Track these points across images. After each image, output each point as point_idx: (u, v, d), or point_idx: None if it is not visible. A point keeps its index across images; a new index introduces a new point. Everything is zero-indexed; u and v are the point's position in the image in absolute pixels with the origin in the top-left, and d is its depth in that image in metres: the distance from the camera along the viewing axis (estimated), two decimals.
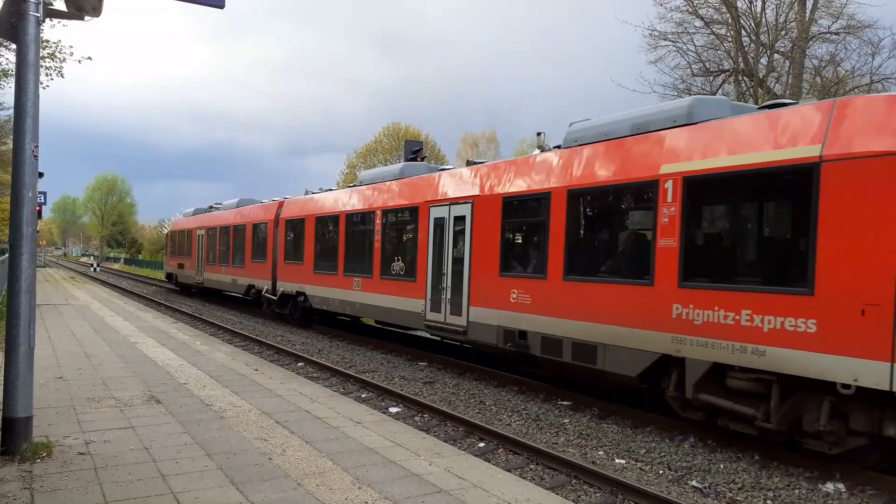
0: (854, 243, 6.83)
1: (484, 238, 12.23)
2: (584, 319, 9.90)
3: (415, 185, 14.93)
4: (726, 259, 8.56)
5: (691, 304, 8.34)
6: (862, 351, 6.66)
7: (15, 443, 6.11)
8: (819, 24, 22.16)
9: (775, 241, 8.26)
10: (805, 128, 7.43)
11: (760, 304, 7.60)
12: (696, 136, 8.71)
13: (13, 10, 6.11)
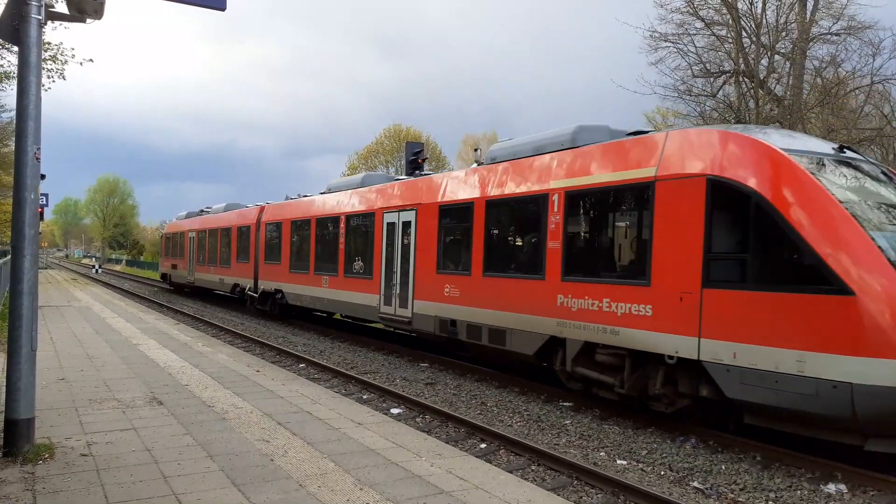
0: (674, 244, 8.64)
1: (425, 240, 14.08)
2: (497, 309, 11.77)
3: (372, 193, 16.77)
4: (594, 258, 10.57)
5: (570, 294, 10.20)
6: (680, 329, 8.43)
7: (17, 444, 6.12)
8: (819, 26, 22.15)
9: (627, 242, 10.08)
10: (648, 153, 9.24)
11: (616, 293, 9.42)
12: (576, 157, 10.57)
13: (15, 12, 6.12)
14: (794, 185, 7.76)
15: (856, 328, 6.99)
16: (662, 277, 8.75)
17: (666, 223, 8.78)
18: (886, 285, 6.91)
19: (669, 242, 8.71)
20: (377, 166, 56.75)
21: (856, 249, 7.18)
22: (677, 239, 8.61)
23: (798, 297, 7.43)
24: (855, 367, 6.92)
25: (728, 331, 7.97)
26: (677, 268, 8.55)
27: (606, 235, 10.55)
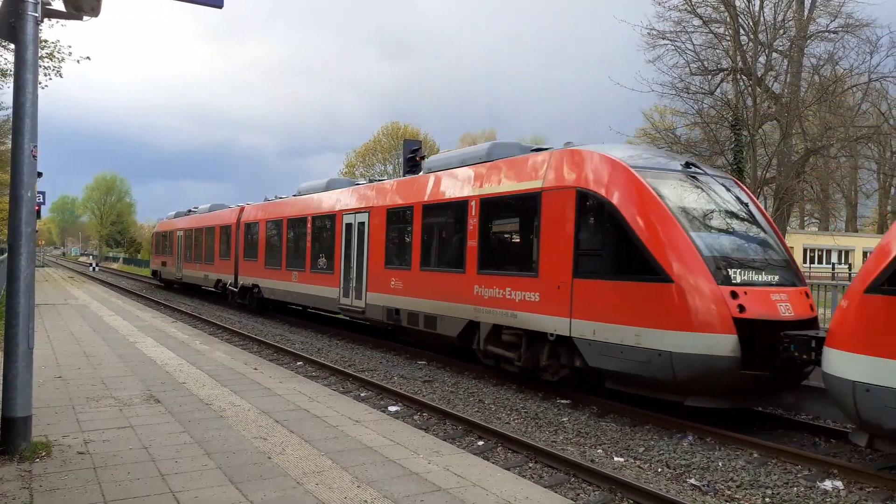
0: (554, 243, 10.55)
1: (376, 239, 15.88)
2: (430, 298, 13.60)
3: (334, 196, 18.61)
4: (501, 254, 12.37)
5: (483, 285, 12.14)
6: (558, 312, 10.37)
7: (14, 442, 6.11)
8: (817, 23, 22.23)
9: (522, 242, 11.79)
10: (538, 168, 11.18)
11: (515, 284, 11.36)
12: (489, 170, 12.52)
13: (11, 9, 6.10)
14: (634, 195, 9.54)
15: (674, 309, 8.78)
16: (546, 270, 10.69)
17: (549, 226, 10.73)
18: (696, 276, 8.76)
19: (551, 241, 10.66)
20: (375, 164, 56.75)
21: (676, 247, 8.98)
22: (556, 239, 10.56)
23: (635, 285, 9.35)
24: (674, 339, 8.72)
25: (590, 313, 9.88)
26: (556, 262, 10.50)
27: (509, 236, 12.52)
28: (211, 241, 28.78)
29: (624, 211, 9.49)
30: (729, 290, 8.66)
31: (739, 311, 8.55)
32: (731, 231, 9.89)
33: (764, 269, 9.40)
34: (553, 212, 10.63)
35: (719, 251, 9.19)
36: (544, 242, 10.77)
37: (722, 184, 10.69)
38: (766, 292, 9.00)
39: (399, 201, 15.20)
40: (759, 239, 10.01)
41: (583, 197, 10.16)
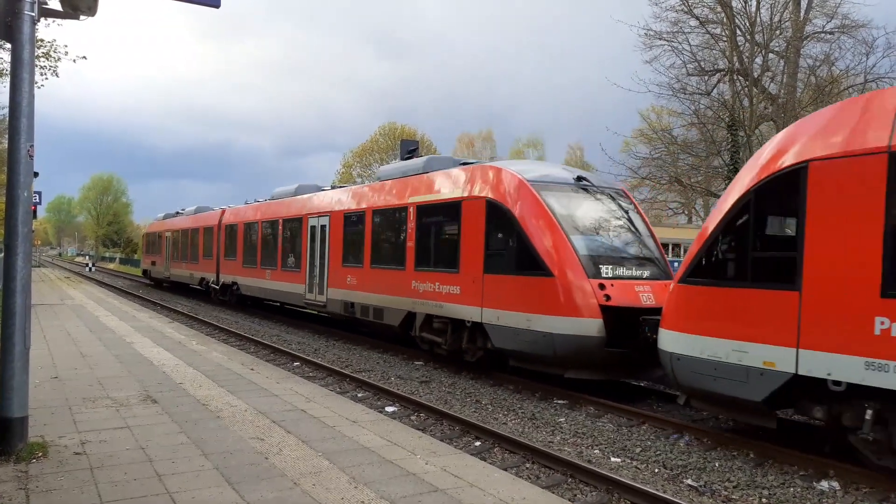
0: (471, 244, 12.50)
1: (335, 241, 17.76)
2: (379, 293, 15.51)
3: (301, 201, 20.47)
4: (432, 253, 13.95)
5: (419, 280, 13.97)
6: (473, 302, 12.32)
7: (10, 443, 6.09)
8: (813, 24, 22.25)
9: (448, 243, 13.43)
10: (461, 180, 13.18)
11: (442, 279, 13.24)
12: (423, 181, 14.41)
13: (8, 9, 6.09)
14: (528, 205, 11.50)
15: (555, 298, 10.72)
16: (465, 267, 12.62)
17: (467, 229, 12.69)
18: (571, 271, 10.71)
19: (468, 243, 12.62)
20: (372, 164, 56.69)
21: (557, 248, 10.93)
22: (472, 240, 12.53)
23: (527, 279, 11.27)
24: (553, 322, 10.67)
25: (495, 302, 11.80)
26: (472, 260, 12.45)
27: (439, 237, 14.05)
28: (196, 241, 30.50)
29: (520, 218, 11.53)
30: (598, 282, 10.65)
31: (605, 299, 10.46)
32: (607, 234, 11.88)
33: (633, 265, 11.43)
34: (470, 218, 12.67)
35: (593, 251, 11.19)
36: (464, 243, 12.78)
37: (609, 195, 12.65)
38: (631, 284, 10.92)
39: (354, 207, 17.15)
40: (633, 240, 12.05)
41: (491, 206, 12.20)
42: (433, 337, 13.67)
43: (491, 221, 12.16)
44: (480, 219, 12.35)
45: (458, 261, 12.79)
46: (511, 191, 11.85)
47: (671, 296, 8.92)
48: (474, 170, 13.09)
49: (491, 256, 12.07)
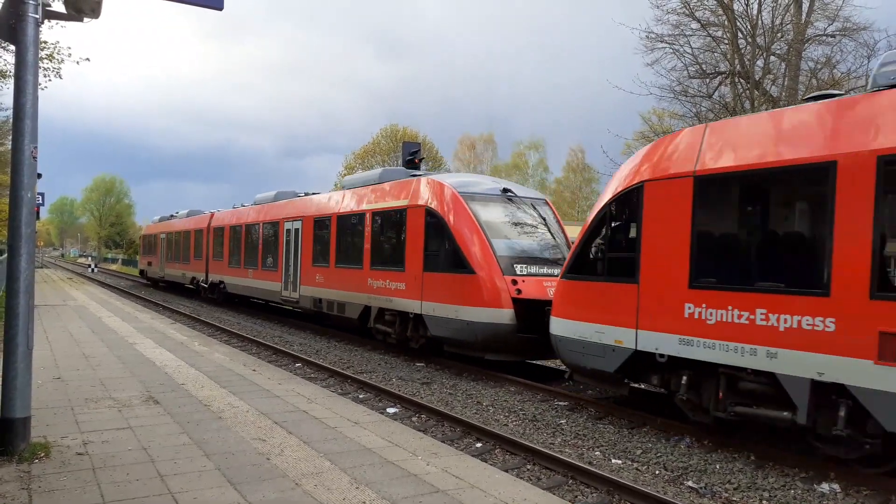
0: (413, 245, 14.45)
1: (307, 243, 19.74)
2: (342, 289, 17.47)
3: (278, 206, 22.67)
4: (384, 254, 15.97)
5: (374, 278, 15.97)
6: (415, 296, 14.21)
7: (13, 443, 6.11)
8: (815, 27, 22.21)
9: (397, 245, 15.42)
10: (408, 190, 15.14)
11: (392, 276, 15.19)
12: (377, 190, 16.57)
13: (12, 11, 6.12)
14: (458, 212, 13.47)
15: (476, 292, 12.64)
16: (409, 266, 14.53)
17: (410, 233, 14.63)
18: (490, 269, 12.66)
19: (411, 245, 14.54)
20: (374, 166, 56.72)
21: (479, 250, 12.90)
22: (414, 243, 14.45)
23: (455, 276, 13.21)
24: (475, 312, 12.60)
25: (432, 296, 13.70)
26: (414, 260, 14.38)
27: (389, 240, 15.94)
28: (187, 243, 32.63)
29: (451, 224, 13.46)
30: (511, 279, 12.58)
31: (517, 293, 12.40)
32: (523, 238, 13.78)
33: (544, 264, 13.20)
34: (413, 223, 14.61)
35: (510, 252, 13.10)
36: (408, 245, 14.67)
37: (531, 204, 14.68)
38: (541, 281, 12.68)
39: (322, 212, 19.08)
40: (546, 243, 13.90)
41: (429, 213, 14.12)
42: (385, 328, 15.60)
43: (429, 227, 14.14)
44: (420, 224, 14.33)
45: (404, 260, 14.76)
46: (445, 200, 13.86)
47: (556, 289, 10.83)
48: (418, 181, 15.05)
49: (429, 257, 14.06)
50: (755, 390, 7.82)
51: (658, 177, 8.90)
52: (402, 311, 14.84)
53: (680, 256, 8.44)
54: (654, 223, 8.87)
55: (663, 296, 8.65)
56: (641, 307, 8.95)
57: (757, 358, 7.60)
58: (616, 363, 9.29)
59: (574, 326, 10.02)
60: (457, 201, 13.63)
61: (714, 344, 8.05)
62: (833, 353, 6.98)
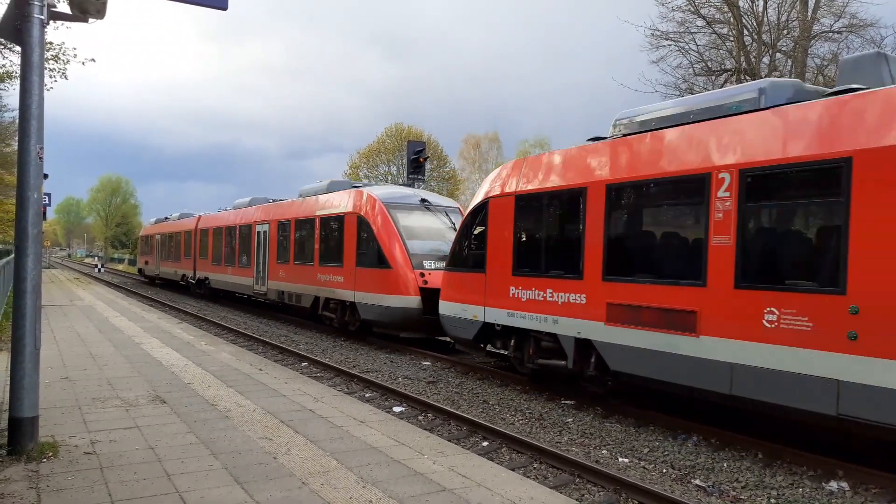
0: (349, 245, 17.45)
1: (273, 243, 22.80)
2: (299, 283, 20.54)
3: (251, 210, 25.80)
4: (329, 253, 18.86)
5: (321, 273, 18.98)
6: (350, 287, 17.26)
7: (21, 442, 6.14)
8: (821, 23, 22.13)
9: (337, 245, 18.34)
10: (345, 199, 18.33)
11: (334, 271, 18.27)
12: (325, 198, 19.71)
13: (17, 12, 6.14)
14: (381, 219, 16.66)
15: (393, 283, 15.77)
16: (346, 262, 17.73)
17: (347, 236, 17.84)
18: (402, 265, 15.76)
19: (348, 245, 17.72)
20: (379, 165, 56.73)
21: (397, 250, 16.01)
22: (350, 243, 17.62)
23: (378, 270, 16.29)
24: (392, 299, 15.73)
25: (362, 287, 16.89)
26: (350, 257, 17.57)
27: (333, 241, 18.81)
28: (178, 243, 35.71)
29: (375, 228, 16.67)
30: (420, 272, 15.74)
31: (424, 283, 15.53)
32: (433, 239, 16.66)
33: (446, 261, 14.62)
34: (349, 227, 17.77)
35: (420, 251, 16.16)
36: (345, 245, 17.85)
37: (444, 211, 17.78)
38: (442, 273, 14.42)
39: (284, 217, 22.11)
40: (451, 243, 14.77)
41: (360, 219, 17.29)
42: (329, 314, 18.76)
43: (360, 230, 17.26)
44: (354, 228, 17.52)
45: (343, 258, 17.89)
46: (372, 208, 17.05)
47: (443, 278, 13.86)
48: (354, 192, 18.26)
49: (360, 255, 17.20)
50: (549, 347, 10.87)
51: (496, 195, 12.08)
52: (341, 300, 18.08)
53: (508, 253, 11.69)
54: (495, 229, 12.03)
55: (499, 282, 11.85)
56: (487, 291, 12.14)
57: (548, 324, 10.71)
58: (473, 332, 12.46)
59: (451, 307, 13.15)
60: (381, 210, 16.86)
61: (526, 315, 11.20)
62: (585, 318, 10.03)
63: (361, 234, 17.14)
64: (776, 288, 7.70)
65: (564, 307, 10.36)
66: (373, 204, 17.05)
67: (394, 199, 17.39)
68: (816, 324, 7.22)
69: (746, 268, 7.97)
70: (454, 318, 12.99)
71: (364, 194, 17.57)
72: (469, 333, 12.56)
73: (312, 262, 19.61)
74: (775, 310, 7.62)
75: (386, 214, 16.62)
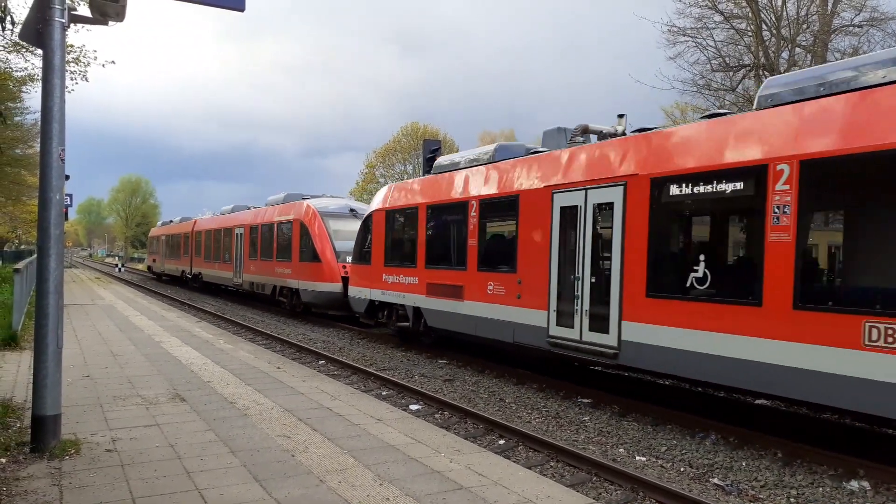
0: (296, 246, 22.79)
1: (246, 243, 27.94)
2: (263, 275, 25.67)
3: (233, 216, 31.13)
4: (283, 251, 23.72)
5: (278, 267, 24.16)
6: (294, 278, 22.70)
7: (44, 440, 6.24)
8: (841, 17, 21.83)
9: (287, 245, 23.29)
10: (296, 209, 23.36)
11: (285, 266, 23.49)
12: (280, 207, 25.06)
13: (39, 16, 6.22)
14: (316, 224, 21.50)
15: (322, 273, 20.78)
16: (293, 258, 22.58)
17: (294, 237, 22.73)
18: (330, 260, 20.71)
19: (294, 245, 22.62)
20: (395, 164, 56.84)
21: (326, 248, 20.95)
22: (295, 243, 22.47)
23: (312, 264, 21.15)
24: (323, 286, 20.68)
25: (302, 277, 21.80)
26: (295, 255, 22.29)
27: (285, 241, 23.73)
28: (178, 243, 41.04)
29: (312, 232, 21.64)
30: (342, 265, 20.27)
31: (345, 273, 19.90)
32: (354, 240, 18.93)
33: None
34: (295, 231, 22.86)
35: (343, 250, 20.48)
36: (292, 245, 22.86)
37: None
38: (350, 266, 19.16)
39: (254, 221, 27.58)
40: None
41: (302, 224, 22.35)
42: (284, 299, 23.89)
43: (302, 233, 22.34)
44: (298, 232, 22.67)
45: (291, 255, 22.99)
46: (310, 217, 22.20)
47: (350, 269, 18.88)
48: (300, 203, 23.44)
49: (301, 252, 22.21)
50: (402, 314, 15.87)
51: (377, 209, 17.03)
52: (290, 288, 23.10)
53: (381, 250, 16.62)
54: (375, 233, 16.93)
55: (377, 271, 16.70)
56: (372, 277, 16.98)
57: (401, 299, 15.66)
58: (365, 306, 17.47)
59: (354, 290, 18.10)
60: (317, 218, 21.96)
61: (391, 293, 16.13)
62: (417, 294, 14.96)
63: (303, 236, 22.19)
64: (492, 269, 12.68)
65: (408, 287, 15.43)
66: (312, 213, 22.16)
67: (328, 209, 22.62)
68: (506, 290, 12.18)
69: (482, 259, 13.01)
70: (356, 298, 18.03)
71: (305, 205, 22.77)
72: (363, 308, 17.62)
73: (272, 258, 24.89)
74: (492, 283, 12.55)
75: (320, 221, 21.78)
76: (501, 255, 12.42)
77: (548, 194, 11.12)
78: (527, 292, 11.54)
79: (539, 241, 11.34)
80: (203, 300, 30.42)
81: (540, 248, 11.28)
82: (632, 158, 9.67)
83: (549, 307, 11.06)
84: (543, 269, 11.16)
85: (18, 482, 5.48)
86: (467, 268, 13.17)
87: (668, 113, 33.12)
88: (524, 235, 11.68)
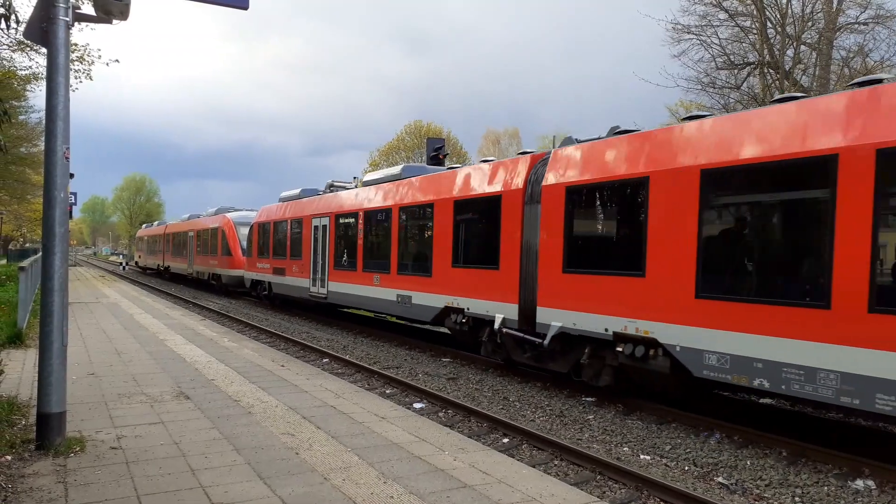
0: (220, 245, 33.07)
1: (195, 243, 37.69)
2: (204, 266, 35.69)
3: (188, 223, 40.23)
4: (213, 248, 33.92)
5: (211, 260, 34.35)
6: (219, 267, 33.13)
7: (49, 437, 6.25)
8: (847, 15, 21.72)
9: (215, 243, 33.60)
10: (216, 220, 34.55)
11: (214, 259, 33.61)
12: (214, 218, 35.30)
13: (43, 14, 6.23)
14: (230, 231, 31.76)
15: (233, 263, 30.76)
16: (219, 253, 32.62)
17: (219, 239, 32.62)
18: (238, 255, 30.60)
19: (219, 244, 32.53)
20: (398, 162, 56.80)
21: (238, 247, 30.80)
22: (220, 243, 32.47)
23: (227, 257, 31.51)
24: (233, 271, 30.81)
25: (222, 266, 32.19)
26: (219, 251, 32.65)
27: (213, 241, 33.59)
28: (155, 242, 50.87)
29: (227, 236, 31.48)
30: (255, 260, 26.78)
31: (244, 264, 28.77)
32: None
33: None
34: (219, 235, 32.40)
35: (249, 248, 27.74)
36: (218, 245, 32.43)
37: None
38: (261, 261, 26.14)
39: (197, 227, 36.52)
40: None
41: (222, 231, 32.06)
42: (213, 282, 33.39)
43: (222, 237, 31.69)
44: (220, 235, 31.90)
45: (217, 251, 32.10)
46: (227, 225, 31.56)
47: (245, 261, 28.62)
48: (222, 216, 32.86)
49: (222, 249, 31.38)
50: (264, 288, 25.81)
51: (261, 221, 25.76)
52: (216, 273, 32.40)
53: (255, 247, 26.27)
54: (257, 236, 26.12)
55: (255, 261, 26.28)
56: (254, 265, 26.39)
57: (264, 276, 25.29)
58: (249, 283, 27.56)
59: (247, 273, 27.35)
60: (231, 226, 31.40)
61: (261, 275, 25.93)
62: (267, 273, 25.51)
63: (223, 239, 31.79)
64: (295, 258, 22.72)
65: (264, 270, 25.03)
66: (228, 222, 31.84)
67: (239, 219, 31.57)
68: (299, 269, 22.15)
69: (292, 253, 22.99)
70: (245, 278, 27.86)
71: (224, 217, 32.58)
72: (248, 284, 27.65)
73: (207, 254, 34.49)
74: (295, 266, 22.88)
75: (233, 228, 31.22)
76: (294, 251, 22.65)
77: (310, 218, 21.41)
78: (302, 270, 21.79)
79: (305, 243, 21.59)
80: (207, 298, 30.51)
81: (307, 247, 21.41)
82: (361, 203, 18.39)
83: (310, 277, 21.07)
84: (308, 258, 21.32)
85: (24, 479, 5.50)
86: (286, 258, 23.25)
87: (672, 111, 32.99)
88: (305, 241, 21.69)
